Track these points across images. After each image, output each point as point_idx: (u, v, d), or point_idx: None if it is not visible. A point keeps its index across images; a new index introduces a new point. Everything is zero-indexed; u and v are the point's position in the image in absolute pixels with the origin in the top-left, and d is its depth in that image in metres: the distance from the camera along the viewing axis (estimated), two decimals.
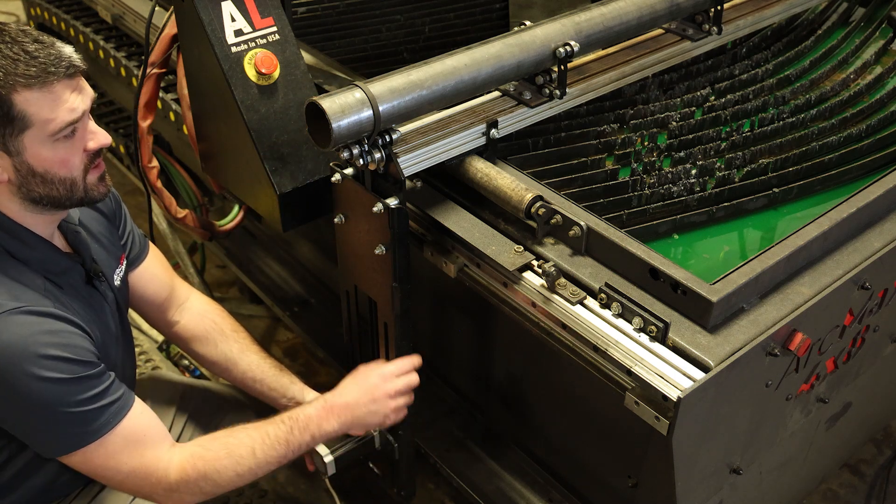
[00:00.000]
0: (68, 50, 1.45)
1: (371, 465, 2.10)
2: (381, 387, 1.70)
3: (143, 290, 1.90)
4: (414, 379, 1.74)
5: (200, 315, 1.98)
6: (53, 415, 1.47)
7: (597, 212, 1.68)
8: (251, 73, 1.78)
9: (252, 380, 1.96)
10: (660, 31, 2.14)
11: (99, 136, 1.51)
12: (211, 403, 2.10)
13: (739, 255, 1.77)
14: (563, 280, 1.54)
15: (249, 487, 2.61)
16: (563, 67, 1.83)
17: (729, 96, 2.21)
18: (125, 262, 1.82)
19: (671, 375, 1.37)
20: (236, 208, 2.39)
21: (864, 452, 2.70)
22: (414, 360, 1.75)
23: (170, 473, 1.59)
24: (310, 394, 1.98)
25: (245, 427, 1.67)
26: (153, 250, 1.96)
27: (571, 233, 1.58)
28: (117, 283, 1.76)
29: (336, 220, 1.72)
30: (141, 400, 1.62)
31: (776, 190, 1.87)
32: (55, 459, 1.55)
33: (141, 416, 1.60)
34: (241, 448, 1.62)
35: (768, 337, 1.41)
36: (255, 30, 1.80)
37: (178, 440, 2.02)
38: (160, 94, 2.24)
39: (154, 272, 1.93)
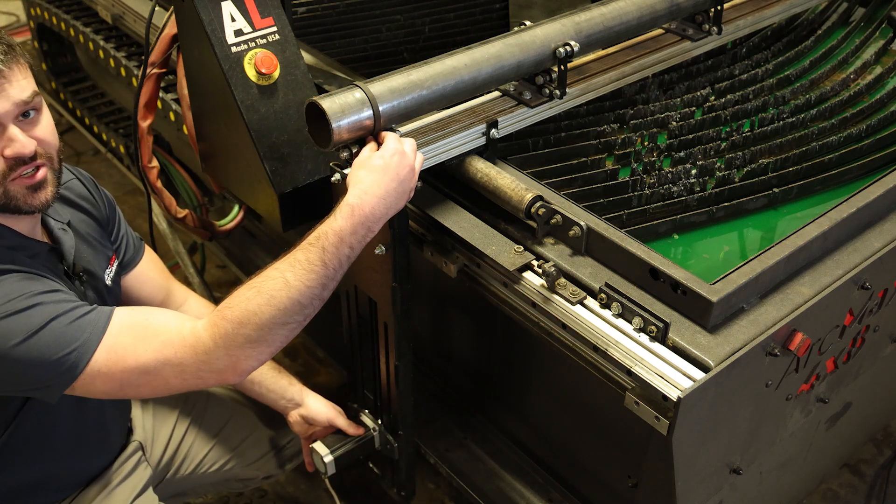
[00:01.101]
0: None
1: (371, 465, 2.10)
2: (402, 164, 1.49)
3: (138, 292, 1.89)
4: (413, 142, 1.56)
5: (197, 318, 1.96)
6: (46, 339, 1.40)
7: (597, 212, 1.68)
8: (251, 73, 1.78)
9: (250, 382, 1.94)
10: (660, 31, 2.14)
11: (16, 145, 1.44)
12: (212, 408, 2.10)
13: (739, 255, 1.77)
14: (563, 280, 1.54)
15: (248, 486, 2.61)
16: (563, 67, 1.83)
17: (729, 96, 2.21)
18: (116, 264, 1.79)
19: (671, 375, 1.37)
20: (236, 208, 2.39)
21: (864, 452, 2.70)
22: (395, 134, 1.56)
23: (201, 336, 1.44)
24: (309, 395, 1.98)
25: (272, 264, 1.48)
26: (149, 253, 1.95)
27: (571, 233, 1.58)
28: (108, 282, 1.74)
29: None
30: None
31: (776, 190, 1.87)
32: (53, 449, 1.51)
33: (132, 309, 1.52)
34: (270, 281, 1.43)
35: (768, 337, 1.41)
36: (255, 30, 1.80)
37: (180, 444, 2.03)
38: (160, 94, 2.24)
39: (149, 275, 1.92)
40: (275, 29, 1.83)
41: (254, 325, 1.41)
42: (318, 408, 1.98)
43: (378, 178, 1.46)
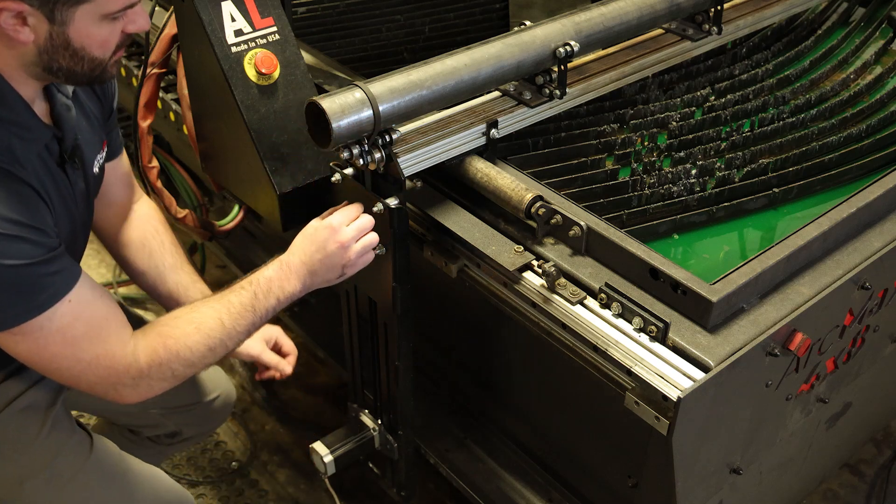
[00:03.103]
0: None
1: (371, 465, 2.10)
2: (331, 239, 1.55)
3: (113, 185, 1.78)
4: (365, 223, 1.58)
5: (143, 219, 1.86)
6: (7, 277, 1.32)
7: (597, 212, 1.68)
8: (251, 73, 1.78)
9: (176, 301, 1.82)
10: (660, 31, 2.14)
11: (140, 21, 1.44)
12: None
13: (739, 255, 1.77)
14: (563, 280, 1.54)
15: (249, 488, 2.62)
16: (563, 67, 1.83)
17: (729, 96, 2.21)
18: (106, 149, 1.69)
19: (671, 375, 1.37)
20: (236, 208, 2.39)
21: (864, 452, 2.70)
22: (357, 208, 1.60)
23: (139, 358, 1.45)
24: None
25: (205, 301, 1.54)
26: (124, 150, 1.85)
27: (571, 233, 1.58)
28: (96, 170, 1.64)
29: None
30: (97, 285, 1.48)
31: (776, 190, 1.87)
32: None
33: (100, 299, 1.45)
34: (209, 321, 1.49)
35: (768, 337, 1.41)
36: (255, 30, 1.80)
37: None
38: (160, 94, 2.24)
39: (125, 171, 1.82)
40: (275, 29, 1.83)
41: (186, 361, 1.48)
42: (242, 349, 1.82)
43: (305, 243, 1.57)
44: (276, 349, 1.97)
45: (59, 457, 1.72)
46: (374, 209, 1.58)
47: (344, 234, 1.56)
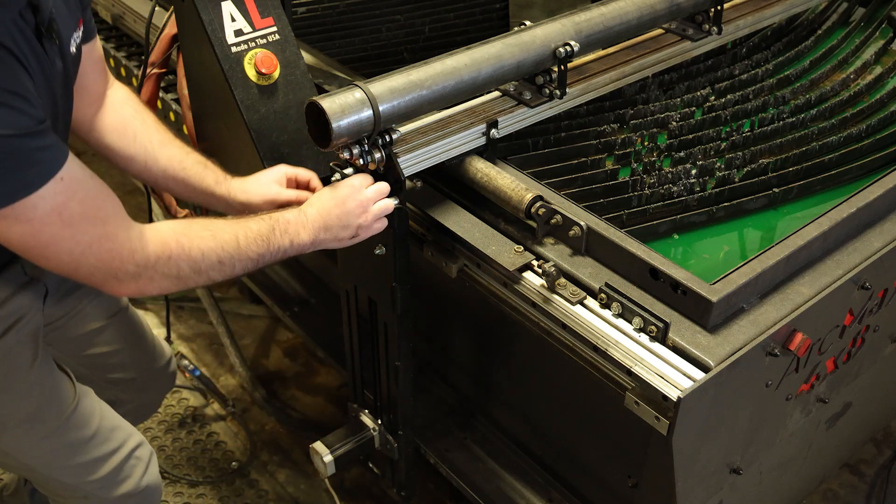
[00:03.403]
0: None
1: (371, 465, 2.10)
2: (351, 196, 1.55)
3: (84, 75, 1.64)
4: (383, 187, 1.58)
5: (120, 103, 1.74)
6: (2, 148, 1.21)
7: (597, 212, 1.68)
8: (251, 73, 1.78)
9: (173, 177, 1.72)
10: (660, 31, 2.14)
11: None
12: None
13: (739, 255, 1.77)
14: (563, 280, 1.54)
15: (249, 488, 2.62)
16: (563, 67, 1.83)
17: (729, 96, 2.21)
18: (82, 28, 1.56)
19: (671, 375, 1.37)
20: None
21: (864, 452, 2.70)
22: (385, 185, 1.60)
23: (147, 246, 1.38)
24: (240, 193, 1.74)
25: (221, 219, 1.50)
26: (97, 38, 1.73)
27: (571, 233, 1.58)
28: (73, 49, 1.51)
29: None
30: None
31: (776, 190, 1.87)
32: None
33: (91, 179, 1.35)
34: (225, 234, 1.45)
35: (768, 337, 1.41)
36: (255, 30, 1.80)
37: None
38: (160, 94, 2.25)
39: (99, 55, 1.70)
40: (275, 29, 1.83)
41: (194, 265, 1.42)
42: (255, 193, 1.72)
43: (325, 197, 1.56)
44: (292, 184, 1.80)
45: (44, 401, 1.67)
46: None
47: (364, 194, 1.56)
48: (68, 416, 1.72)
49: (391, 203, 1.59)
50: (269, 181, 1.72)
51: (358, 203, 1.55)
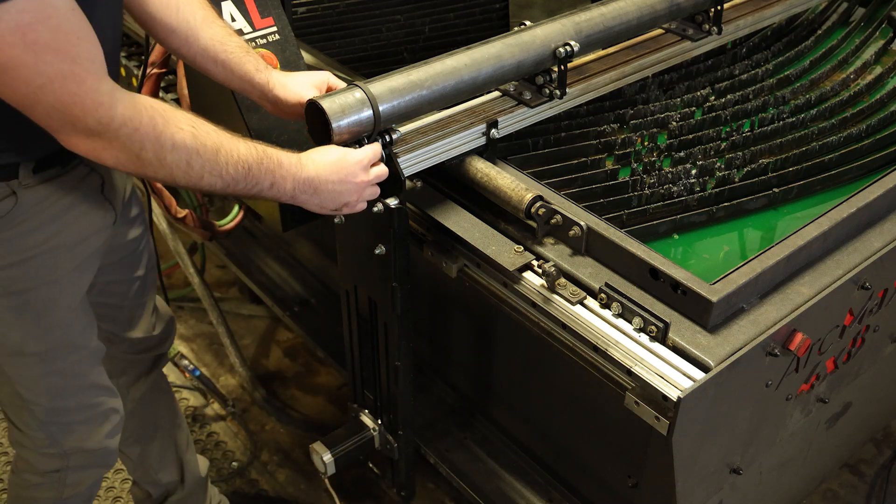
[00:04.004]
0: None
1: (371, 465, 2.10)
2: (355, 173, 1.51)
3: None
4: (382, 171, 1.56)
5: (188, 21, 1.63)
6: None
7: (597, 212, 1.68)
8: None
9: (213, 58, 1.63)
10: (660, 31, 2.14)
11: None
12: None
13: (739, 255, 1.77)
14: (563, 280, 1.54)
15: (249, 488, 2.62)
16: (563, 67, 1.83)
17: (729, 96, 2.21)
18: None
19: (671, 375, 1.37)
20: (236, 208, 2.39)
21: (864, 452, 2.70)
22: (384, 168, 1.57)
23: (116, 105, 1.27)
24: (278, 87, 1.66)
25: (213, 125, 1.40)
26: None
27: (571, 233, 1.58)
28: None
29: (336, 220, 1.72)
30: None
31: (776, 190, 1.87)
32: None
33: (73, 12, 1.23)
34: (208, 139, 1.35)
35: (768, 337, 1.41)
36: (255, 30, 1.80)
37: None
38: (160, 94, 2.25)
39: None
40: (275, 29, 1.83)
41: (159, 149, 1.31)
42: (293, 91, 1.65)
43: (329, 160, 1.49)
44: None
45: None
46: (374, 209, 1.58)
47: (365, 177, 1.52)
48: (78, 360, 1.68)
49: (376, 191, 1.57)
50: (310, 84, 1.66)
51: (356, 185, 1.51)
